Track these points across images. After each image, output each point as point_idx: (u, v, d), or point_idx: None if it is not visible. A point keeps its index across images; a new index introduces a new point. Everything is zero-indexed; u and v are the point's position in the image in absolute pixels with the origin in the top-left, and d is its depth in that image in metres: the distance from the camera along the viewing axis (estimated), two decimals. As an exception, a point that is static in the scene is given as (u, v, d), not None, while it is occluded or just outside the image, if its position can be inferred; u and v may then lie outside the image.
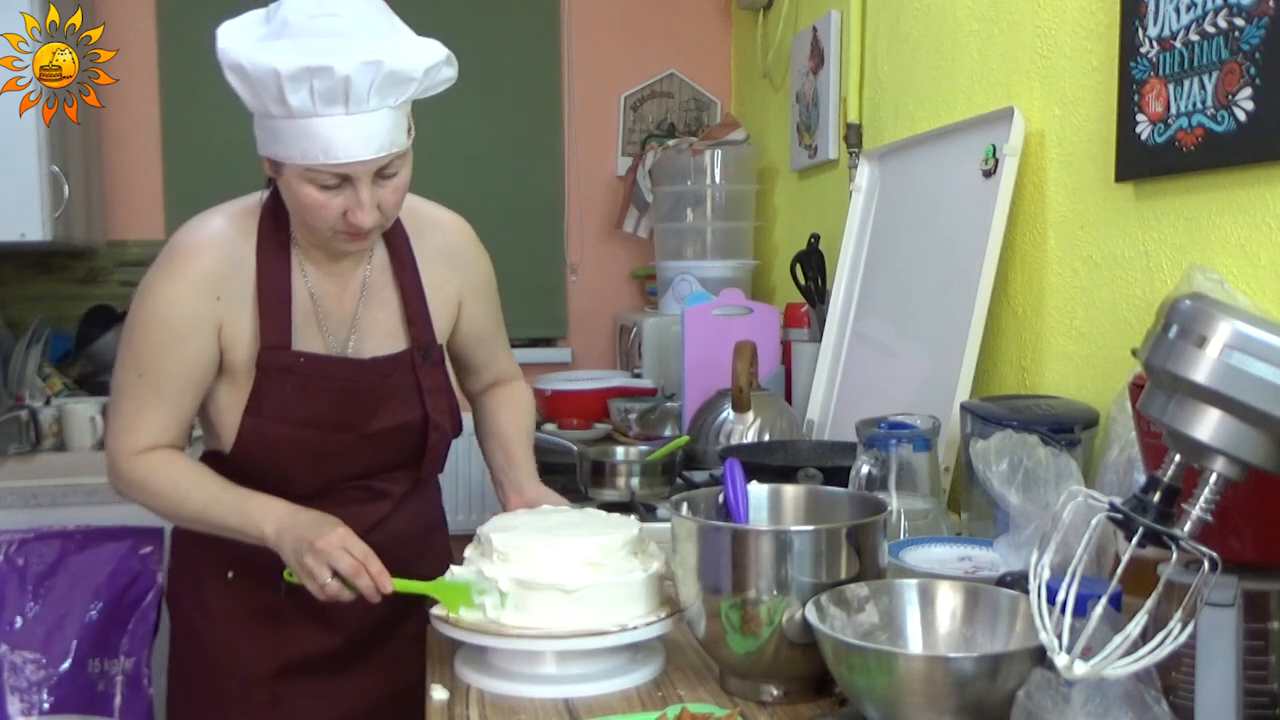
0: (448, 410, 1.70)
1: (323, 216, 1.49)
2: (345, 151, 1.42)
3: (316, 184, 1.46)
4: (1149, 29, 1.55)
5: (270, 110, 1.43)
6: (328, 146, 1.42)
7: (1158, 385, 0.98)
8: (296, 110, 1.40)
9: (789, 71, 3.22)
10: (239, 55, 1.42)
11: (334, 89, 1.39)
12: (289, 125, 1.42)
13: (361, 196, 1.47)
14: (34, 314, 3.40)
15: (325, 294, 1.62)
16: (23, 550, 2.59)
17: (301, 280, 1.61)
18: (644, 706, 1.30)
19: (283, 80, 1.38)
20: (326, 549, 1.44)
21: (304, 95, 1.39)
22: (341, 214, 1.48)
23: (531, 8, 3.83)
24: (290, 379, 1.58)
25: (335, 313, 1.63)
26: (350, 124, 1.41)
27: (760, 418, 2.31)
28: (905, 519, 1.59)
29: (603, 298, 3.89)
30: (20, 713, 2.54)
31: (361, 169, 1.45)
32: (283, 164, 1.47)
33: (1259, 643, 1.03)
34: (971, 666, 1.06)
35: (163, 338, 1.55)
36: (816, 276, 2.72)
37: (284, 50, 1.39)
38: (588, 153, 3.88)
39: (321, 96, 1.39)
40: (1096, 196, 1.74)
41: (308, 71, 1.38)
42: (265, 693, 1.65)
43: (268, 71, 1.39)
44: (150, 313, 1.56)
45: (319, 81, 1.38)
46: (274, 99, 1.41)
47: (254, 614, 1.65)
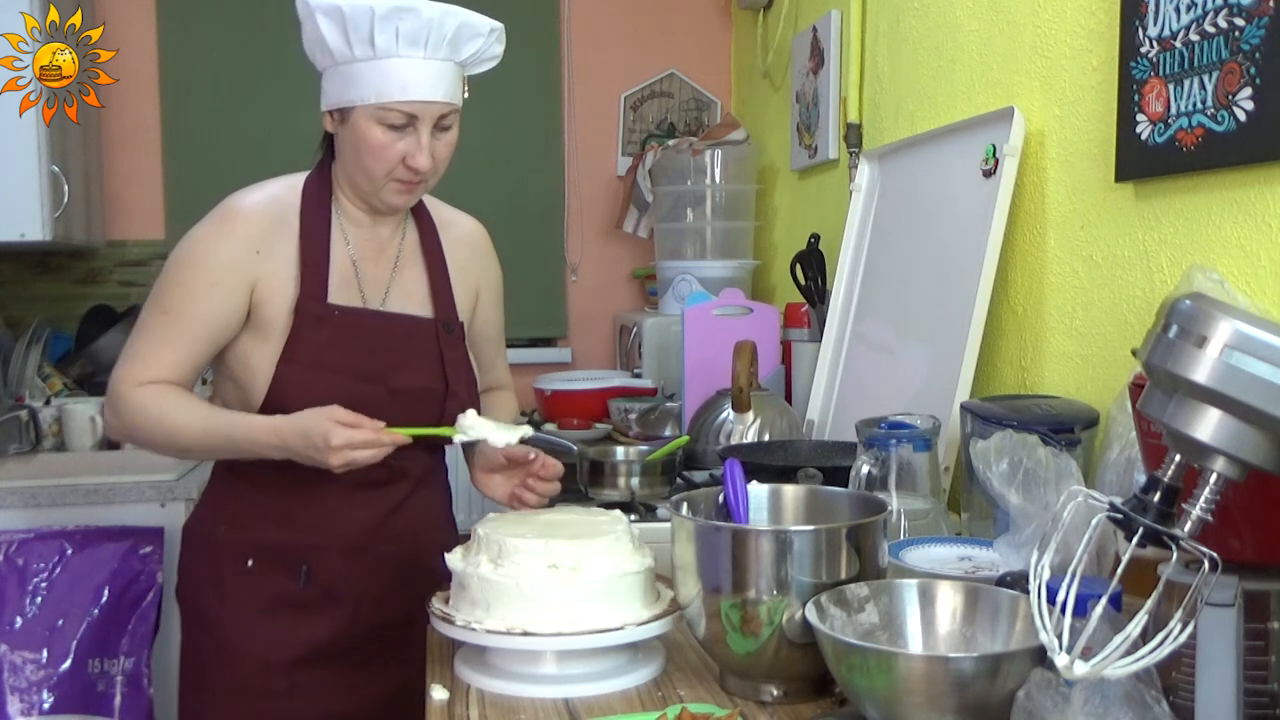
0: (466, 383, 1.75)
1: (385, 158, 1.61)
2: (419, 90, 1.58)
3: (385, 123, 1.59)
4: (1149, 29, 1.55)
5: (354, 52, 1.57)
6: (404, 84, 1.57)
7: (1158, 385, 0.98)
8: (380, 50, 1.56)
9: (789, 71, 3.22)
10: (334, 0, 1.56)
11: (418, 31, 1.56)
12: (369, 66, 1.57)
13: (422, 139, 1.60)
14: (34, 314, 3.40)
15: (362, 258, 1.71)
16: (23, 550, 2.59)
17: (341, 243, 1.70)
18: (644, 706, 1.30)
19: (375, 18, 1.54)
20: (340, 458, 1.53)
21: (389, 35, 1.55)
22: (401, 159, 1.61)
23: (531, 8, 3.83)
24: (325, 327, 1.65)
25: (370, 276, 1.71)
26: (425, 67, 1.58)
27: (760, 418, 2.31)
28: (905, 519, 1.59)
29: (603, 298, 3.89)
30: (20, 713, 2.54)
31: (429, 110, 1.59)
32: (352, 109, 1.59)
33: (1259, 643, 1.03)
34: (971, 666, 1.06)
35: (194, 281, 1.63)
36: (816, 276, 2.72)
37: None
38: (588, 153, 3.88)
39: (405, 37, 1.56)
40: (1096, 196, 1.74)
41: (397, 11, 1.54)
42: (285, 681, 1.67)
43: (363, 10, 1.54)
44: (187, 255, 1.65)
45: (405, 23, 1.55)
46: (362, 38, 1.55)
47: (274, 602, 1.68)
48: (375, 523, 1.71)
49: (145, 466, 2.69)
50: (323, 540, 1.69)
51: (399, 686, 1.69)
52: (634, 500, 2.09)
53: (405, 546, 1.73)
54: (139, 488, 2.69)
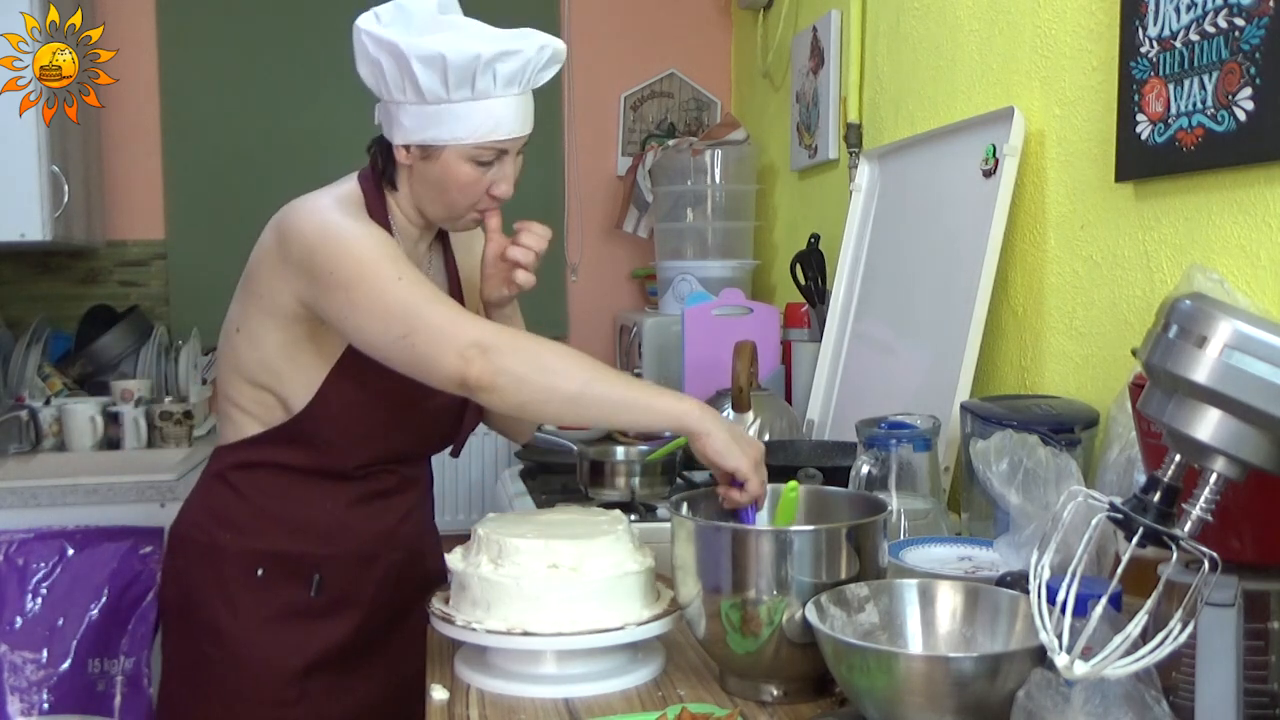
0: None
1: (474, 192, 1.60)
2: (510, 128, 1.57)
3: (476, 160, 1.57)
4: (1149, 29, 1.55)
5: (448, 95, 1.52)
6: (499, 123, 1.55)
7: (1158, 385, 0.98)
8: (479, 91, 1.52)
9: (789, 71, 3.22)
10: (436, 45, 1.49)
11: (516, 71, 1.53)
12: (463, 108, 1.53)
13: (507, 169, 1.61)
14: (34, 314, 3.40)
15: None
16: (23, 550, 2.59)
17: None
18: (644, 706, 1.30)
19: (480, 64, 1.50)
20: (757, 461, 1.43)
21: (489, 78, 1.52)
22: (485, 190, 1.61)
23: (531, 8, 3.82)
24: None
25: None
26: (517, 103, 1.57)
27: (760, 418, 2.31)
28: (905, 519, 1.59)
29: (603, 298, 3.89)
30: (20, 713, 2.54)
31: (517, 143, 1.60)
32: (443, 147, 1.56)
33: (1259, 643, 1.03)
34: (971, 666, 1.06)
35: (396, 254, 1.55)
36: (816, 276, 2.72)
37: (465, 35, 1.52)
38: (588, 153, 3.88)
39: (504, 78, 1.53)
40: (1096, 196, 1.74)
41: (503, 55, 1.51)
42: (295, 690, 1.66)
43: (470, 58, 1.49)
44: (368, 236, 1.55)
45: (504, 65, 1.52)
46: (463, 83, 1.51)
47: (284, 611, 1.67)
48: (387, 531, 1.71)
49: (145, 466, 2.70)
50: (335, 550, 1.68)
51: (399, 686, 1.69)
52: (634, 500, 2.09)
53: (410, 552, 1.74)
54: (139, 488, 2.69)
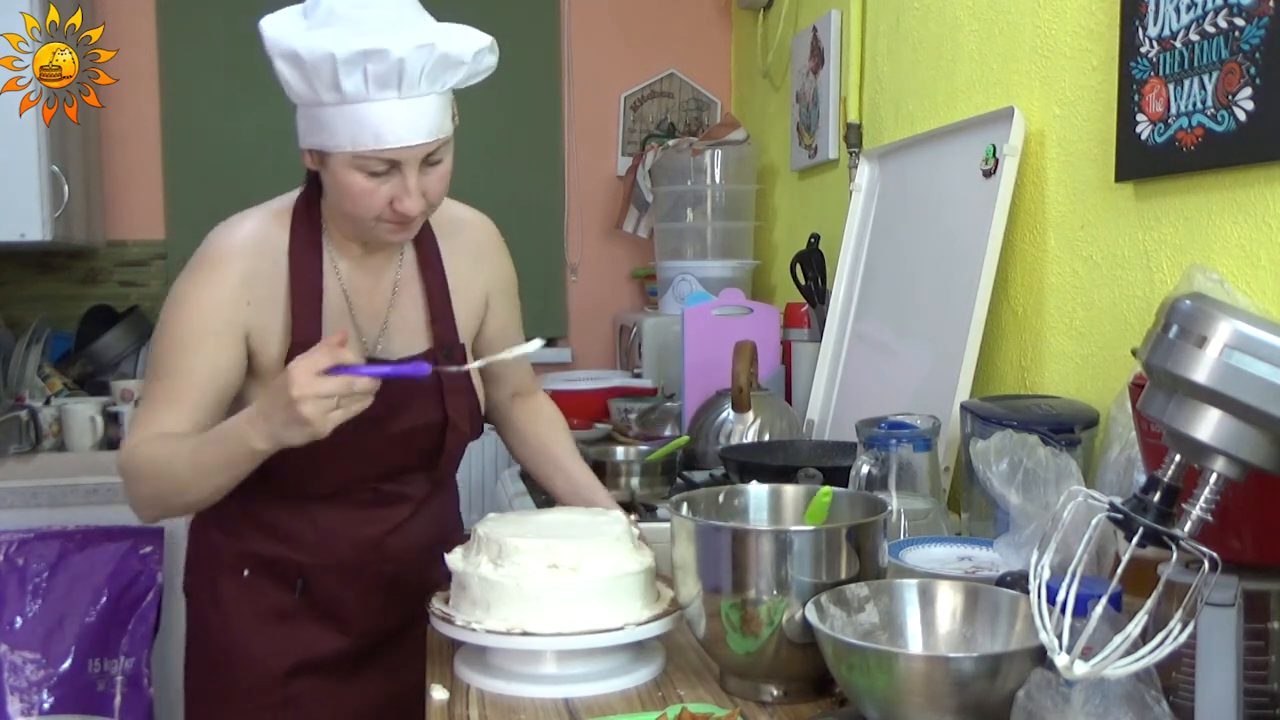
0: (467, 412, 1.69)
1: (369, 205, 1.48)
2: (396, 136, 1.43)
3: (365, 171, 1.46)
4: (1149, 29, 1.55)
5: (321, 97, 1.42)
6: (379, 131, 1.42)
7: (1158, 385, 0.98)
8: (349, 95, 1.41)
9: (789, 71, 3.22)
10: (292, 42, 1.41)
11: (388, 72, 1.40)
12: (339, 112, 1.42)
13: (409, 183, 1.47)
14: (34, 314, 3.40)
15: (357, 290, 1.62)
16: (23, 550, 2.60)
17: (334, 278, 1.60)
18: (644, 706, 1.30)
19: (338, 63, 1.38)
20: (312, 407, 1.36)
21: (358, 79, 1.40)
22: (388, 202, 1.48)
23: (531, 8, 3.83)
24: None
25: (367, 310, 1.63)
26: (401, 108, 1.42)
27: (760, 418, 2.31)
28: (905, 519, 1.59)
29: (603, 298, 3.89)
30: (20, 713, 2.54)
31: (411, 154, 1.45)
32: (329, 153, 1.46)
33: (1259, 643, 1.03)
34: (971, 666, 1.06)
35: (186, 341, 1.53)
36: (816, 276, 2.72)
37: (337, 35, 1.39)
38: (588, 153, 3.88)
39: (375, 80, 1.40)
40: (1096, 196, 1.74)
41: (363, 55, 1.38)
42: (277, 694, 1.64)
43: (323, 56, 1.39)
44: (177, 316, 1.55)
45: (373, 65, 1.39)
46: (327, 84, 1.41)
47: (269, 613, 1.65)
48: (371, 544, 1.66)
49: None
50: (318, 559, 1.65)
51: (395, 693, 1.67)
52: (634, 500, 2.09)
53: (403, 564, 1.67)
54: (139, 488, 2.68)
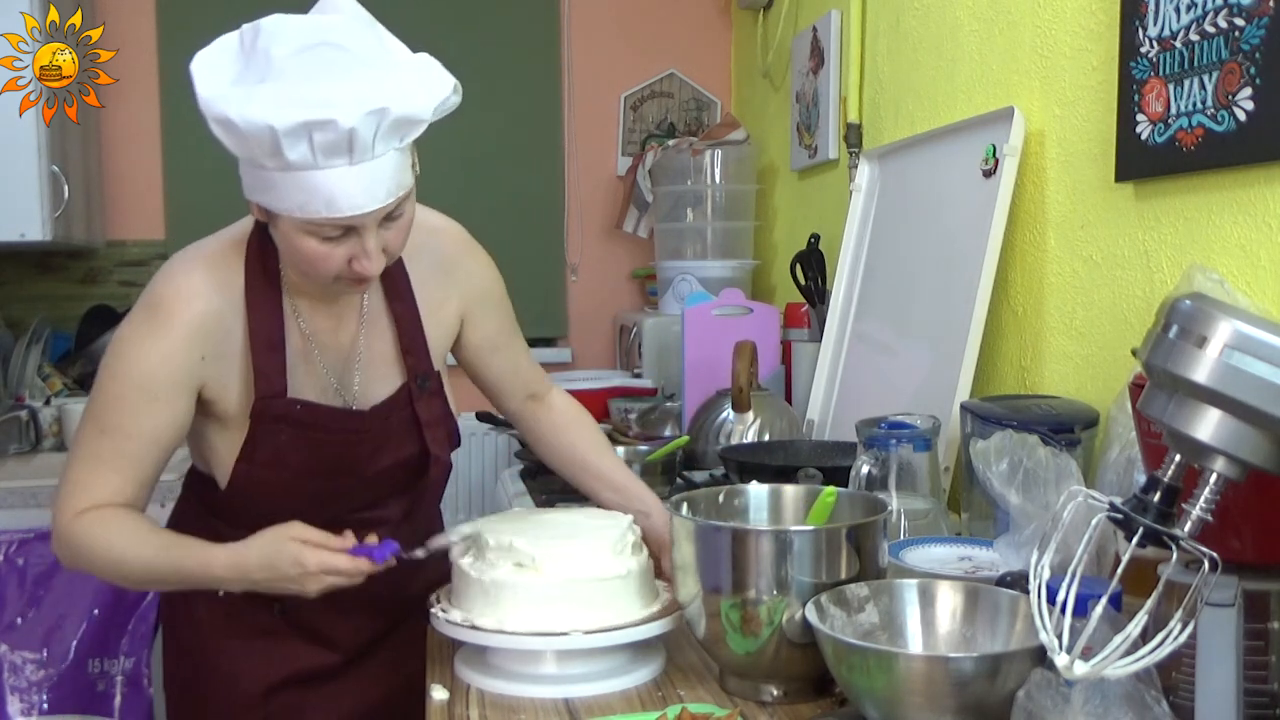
0: (446, 439, 1.63)
1: (325, 268, 1.37)
2: (350, 204, 1.30)
3: (318, 236, 1.34)
4: (1149, 29, 1.55)
5: (263, 162, 1.30)
6: (330, 199, 1.30)
7: (1158, 385, 0.98)
8: (295, 164, 1.27)
9: (789, 71, 3.22)
10: (225, 108, 1.27)
11: (337, 142, 1.26)
12: (285, 177, 1.29)
13: (368, 245, 1.35)
14: (34, 314, 3.40)
15: (320, 331, 1.52)
16: (23, 550, 2.59)
17: (294, 321, 1.50)
18: (644, 706, 1.30)
19: (279, 136, 1.25)
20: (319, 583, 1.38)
21: (303, 149, 1.26)
22: (345, 262, 1.37)
23: (531, 8, 3.83)
24: (285, 428, 1.49)
25: (332, 348, 1.54)
26: (354, 174, 1.29)
27: (760, 418, 2.31)
28: (905, 519, 1.59)
29: (603, 298, 3.89)
30: (20, 713, 2.54)
31: (368, 219, 1.34)
32: (278, 215, 1.35)
33: (1259, 643, 1.03)
34: (971, 666, 1.06)
35: (134, 397, 1.43)
36: (816, 276, 2.72)
37: (275, 100, 1.25)
38: (588, 153, 3.88)
39: (323, 149, 1.26)
40: (1096, 196, 1.74)
41: (306, 126, 1.24)
42: (259, 711, 1.60)
43: (260, 128, 1.25)
44: (124, 369, 1.44)
45: (320, 135, 1.25)
46: (268, 153, 1.28)
47: (247, 632, 1.59)
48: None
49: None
50: None
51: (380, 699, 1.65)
52: (634, 500, 2.08)
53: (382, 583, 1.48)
54: (139, 488, 2.68)
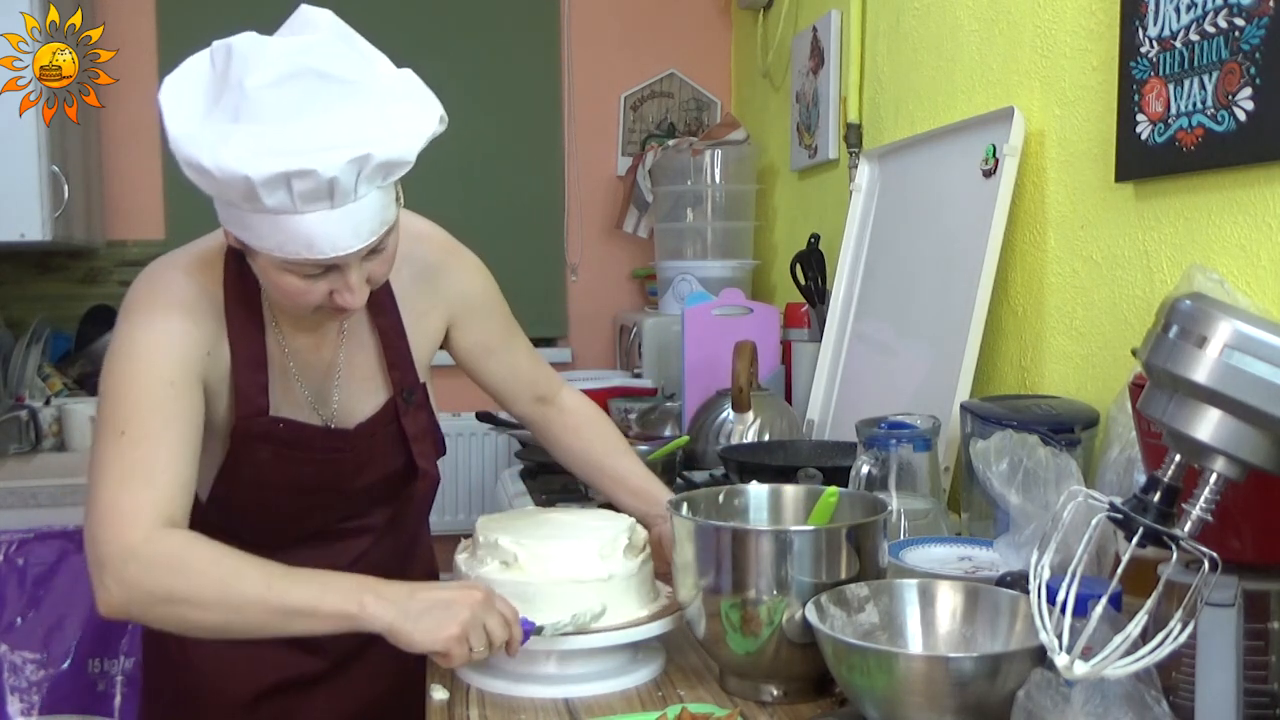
0: (433, 450, 1.61)
1: (306, 301, 1.32)
2: (332, 245, 1.25)
3: (298, 274, 1.29)
4: (1149, 29, 1.55)
5: (238, 204, 1.23)
6: (311, 241, 1.24)
7: (1158, 385, 0.98)
8: (272, 209, 1.21)
9: (789, 71, 3.22)
10: (196, 152, 1.20)
11: (317, 190, 1.20)
12: (262, 219, 1.23)
13: (350, 281, 1.30)
14: (34, 314, 3.41)
15: (302, 348, 1.49)
16: (23, 550, 2.59)
17: (275, 337, 1.46)
18: (644, 706, 1.30)
19: (256, 186, 1.18)
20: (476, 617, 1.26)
21: (281, 196, 1.20)
22: (327, 294, 1.32)
23: (531, 8, 3.83)
24: (267, 447, 1.46)
25: (314, 364, 1.50)
26: (335, 216, 1.23)
27: (760, 418, 2.31)
28: (905, 519, 1.59)
29: (603, 298, 3.89)
30: (20, 713, 2.54)
31: (351, 258, 1.28)
32: (256, 251, 1.29)
33: (1259, 643, 1.03)
34: (971, 666, 1.06)
35: (155, 391, 1.33)
36: (816, 276, 2.72)
37: (252, 148, 1.18)
38: (588, 153, 3.89)
39: (302, 197, 1.20)
40: (1096, 196, 1.74)
41: (284, 176, 1.18)
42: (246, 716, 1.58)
43: (236, 177, 1.18)
44: (132, 369, 1.34)
45: (300, 183, 1.19)
46: (243, 198, 1.21)
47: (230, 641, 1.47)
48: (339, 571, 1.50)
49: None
50: None
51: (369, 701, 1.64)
52: (634, 500, 2.08)
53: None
54: (139, 488, 2.68)
